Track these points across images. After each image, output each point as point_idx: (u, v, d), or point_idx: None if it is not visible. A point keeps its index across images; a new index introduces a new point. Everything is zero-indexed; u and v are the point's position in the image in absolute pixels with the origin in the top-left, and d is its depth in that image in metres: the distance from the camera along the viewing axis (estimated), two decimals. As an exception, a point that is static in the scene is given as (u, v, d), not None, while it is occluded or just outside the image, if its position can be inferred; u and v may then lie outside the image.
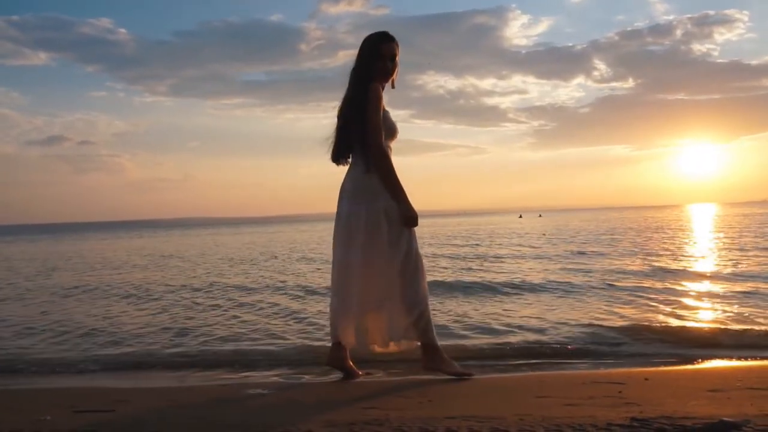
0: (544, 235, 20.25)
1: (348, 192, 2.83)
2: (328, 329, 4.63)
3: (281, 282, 8.76)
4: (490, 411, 2.12)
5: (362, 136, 2.73)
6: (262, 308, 6.13)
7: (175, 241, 31.76)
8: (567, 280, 7.52)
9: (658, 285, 6.72)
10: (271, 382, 3.05)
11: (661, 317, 4.73)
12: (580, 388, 2.57)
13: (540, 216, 76.25)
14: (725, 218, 34.74)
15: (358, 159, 2.80)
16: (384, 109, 2.80)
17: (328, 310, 5.86)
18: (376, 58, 2.78)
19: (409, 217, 2.74)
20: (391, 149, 2.83)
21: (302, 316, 5.49)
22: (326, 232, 38.98)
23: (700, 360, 3.46)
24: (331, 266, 2.93)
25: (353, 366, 2.98)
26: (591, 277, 7.85)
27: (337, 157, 2.89)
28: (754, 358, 3.45)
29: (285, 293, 7.33)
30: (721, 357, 3.49)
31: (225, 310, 6.06)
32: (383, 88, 2.84)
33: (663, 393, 2.51)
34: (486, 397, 2.44)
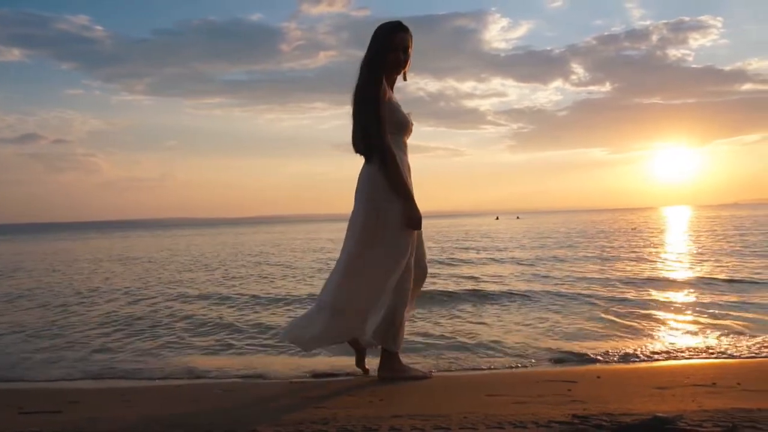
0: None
1: (358, 190, 2.76)
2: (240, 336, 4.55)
3: (225, 288, 8.26)
4: (436, 409, 2.15)
5: (373, 132, 2.65)
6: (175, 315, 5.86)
7: (144, 243, 31.07)
8: (515, 287, 7.22)
9: (603, 293, 6.54)
10: (227, 383, 3.03)
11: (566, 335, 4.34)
12: (532, 387, 2.61)
13: (518, 218, 76.91)
14: (696, 221, 35.37)
15: (373, 155, 2.70)
16: (395, 103, 2.72)
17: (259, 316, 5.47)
18: (388, 50, 2.68)
19: (411, 218, 2.66)
20: (406, 144, 2.77)
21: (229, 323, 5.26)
22: (300, 233, 38.51)
23: (654, 359, 3.52)
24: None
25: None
26: (544, 283, 7.66)
27: (359, 149, 2.76)
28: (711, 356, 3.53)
29: (214, 301, 6.91)
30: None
31: (139, 320, 5.68)
32: (395, 80, 2.77)
33: (611, 390, 2.56)
34: (437, 396, 2.47)
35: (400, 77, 2.80)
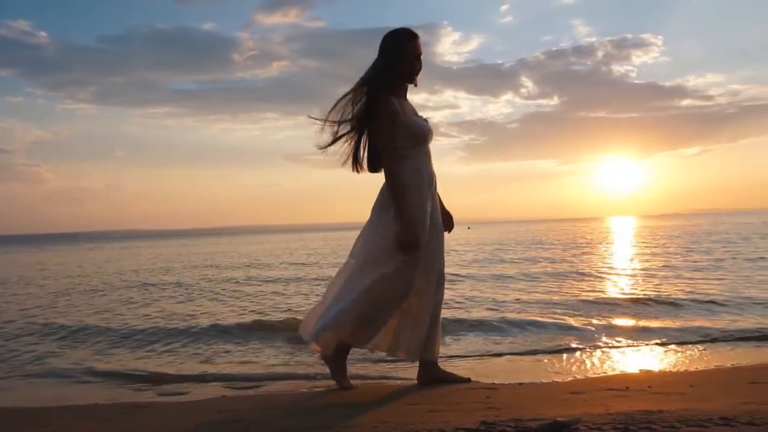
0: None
1: (375, 202, 2.74)
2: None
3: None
4: (351, 419, 2.15)
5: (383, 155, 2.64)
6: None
7: (75, 256, 29.27)
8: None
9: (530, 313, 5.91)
10: (143, 402, 2.93)
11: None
12: (452, 395, 2.65)
13: (469, 228, 77.98)
14: (638, 230, 36.55)
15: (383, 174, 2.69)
16: (408, 114, 2.66)
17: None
18: (401, 60, 2.65)
19: (404, 241, 2.55)
20: (427, 152, 2.73)
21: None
22: (243, 245, 37.22)
23: (574, 369, 3.57)
24: None
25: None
26: (475, 303, 6.84)
27: (355, 164, 2.75)
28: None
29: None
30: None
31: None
32: (407, 89, 2.75)
33: (528, 397, 2.62)
34: (357, 406, 2.47)
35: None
